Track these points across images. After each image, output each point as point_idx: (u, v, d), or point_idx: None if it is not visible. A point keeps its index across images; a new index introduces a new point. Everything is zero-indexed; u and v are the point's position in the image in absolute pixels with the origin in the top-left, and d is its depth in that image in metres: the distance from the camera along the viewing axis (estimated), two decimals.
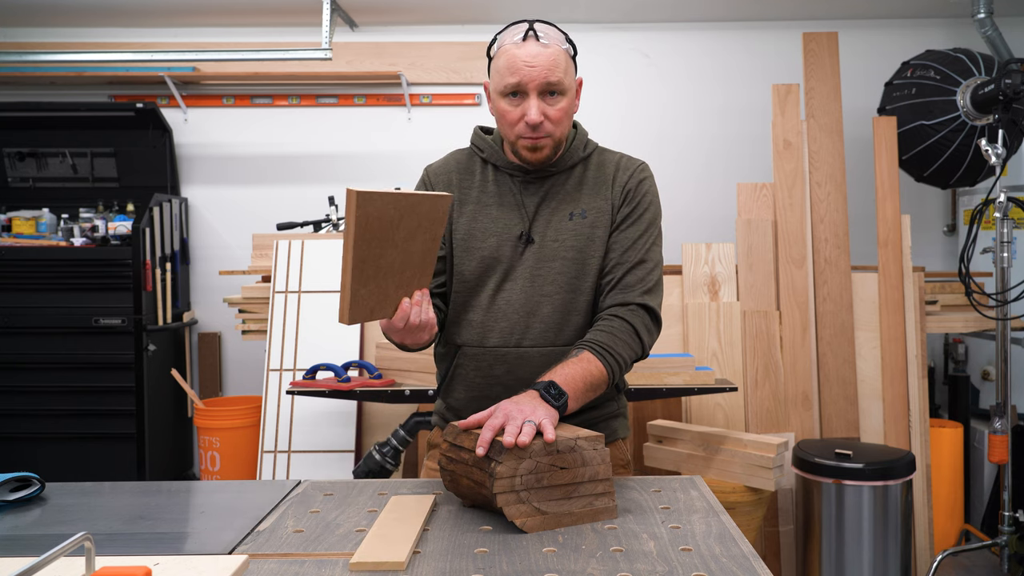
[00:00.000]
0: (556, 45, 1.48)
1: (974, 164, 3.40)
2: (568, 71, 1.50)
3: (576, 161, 1.60)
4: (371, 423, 3.24)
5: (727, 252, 3.26)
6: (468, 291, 1.58)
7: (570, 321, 1.55)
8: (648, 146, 4.16)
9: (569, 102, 1.51)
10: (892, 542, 2.61)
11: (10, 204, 4.11)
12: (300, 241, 3.37)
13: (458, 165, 1.64)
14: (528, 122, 1.47)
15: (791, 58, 3.87)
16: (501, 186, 1.59)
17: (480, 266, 1.56)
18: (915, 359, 3.16)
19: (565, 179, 1.59)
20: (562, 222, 1.55)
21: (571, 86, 1.51)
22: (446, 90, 4.23)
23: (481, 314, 1.57)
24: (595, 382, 1.43)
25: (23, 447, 3.71)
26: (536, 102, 1.47)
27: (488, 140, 1.62)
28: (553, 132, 1.50)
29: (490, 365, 1.56)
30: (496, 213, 1.57)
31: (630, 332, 1.50)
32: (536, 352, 1.54)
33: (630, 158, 1.64)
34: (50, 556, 0.86)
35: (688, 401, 3.15)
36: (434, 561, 1.10)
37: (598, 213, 1.56)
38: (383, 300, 1.31)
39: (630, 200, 1.57)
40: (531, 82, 1.46)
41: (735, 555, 1.11)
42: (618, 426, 1.66)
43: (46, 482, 1.45)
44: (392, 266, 1.29)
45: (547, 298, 1.54)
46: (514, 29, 1.50)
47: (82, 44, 4.21)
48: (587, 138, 1.64)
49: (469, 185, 1.61)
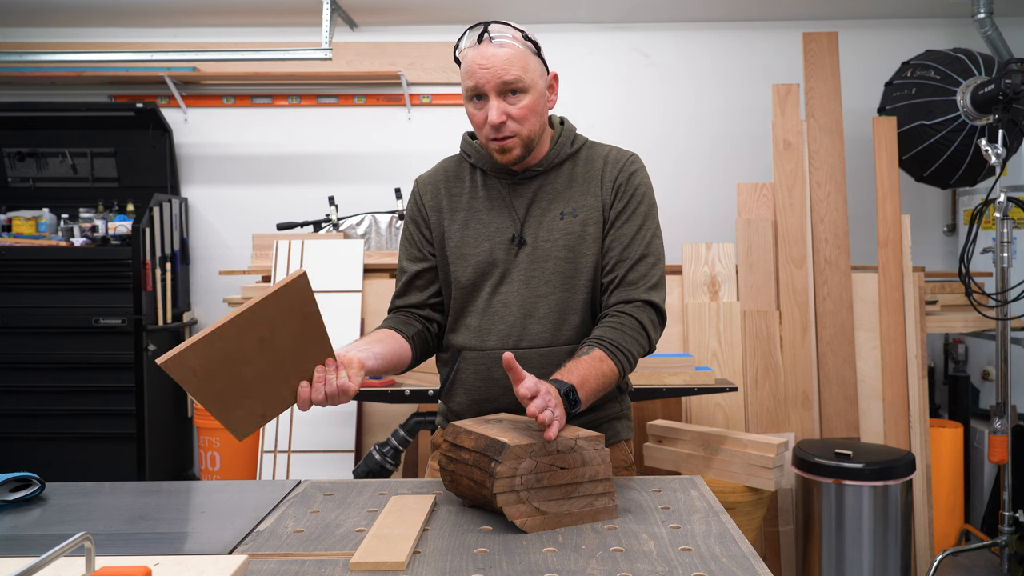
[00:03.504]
0: (512, 44, 1.46)
1: (974, 164, 3.40)
2: (528, 68, 1.47)
3: (563, 158, 1.59)
4: (371, 423, 3.24)
5: (727, 252, 3.26)
6: (465, 296, 1.58)
7: (567, 320, 1.55)
8: (648, 146, 4.16)
9: (534, 99, 1.48)
10: (892, 542, 2.61)
11: (10, 204, 4.11)
12: (300, 241, 3.37)
13: (447, 174, 1.64)
14: (489, 123, 1.47)
15: (791, 58, 3.87)
16: (491, 190, 1.59)
17: (475, 271, 1.56)
18: (915, 359, 3.16)
19: (554, 178, 1.58)
20: (553, 222, 1.55)
21: (534, 83, 1.48)
22: (446, 90, 4.23)
23: (478, 318, 1.56)
24: (607, 382, 1.43)
25: (23, 447, 3.71)
26: (496, 103, 1.46)
27: (476, 145, 1.62)
28: (519, 131, 1.48)
29: (489, 368, 1.56)
30: (487, 218, 1.57)
31: (638, 328, 1.49)
32: (534, 353, 1.53)
33: (619, 150, 1.62)
34: (50, 556, 0.86)
35: (688, 401, 3.14)
36: (434, 561, 1.10)
37: (589, 211, 1.55)
38: (273, 399, 1.29)
39: (622, 195, 1.56)
40: (487, 83, 1.45)
41: (735, 555, 1.11)
42: (621, 427, 1.65)
43: (46, 482, 1.45)
44: (266, 371, 1.25)
45: (543, 298, 1.54)
46: (470, 33, 1.49)
47: (82, 44, 4.21)
48: (575, 133, 1.62)
49: (459, 192, 1.61)
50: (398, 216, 3.69)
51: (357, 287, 3.28)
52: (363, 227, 3.71)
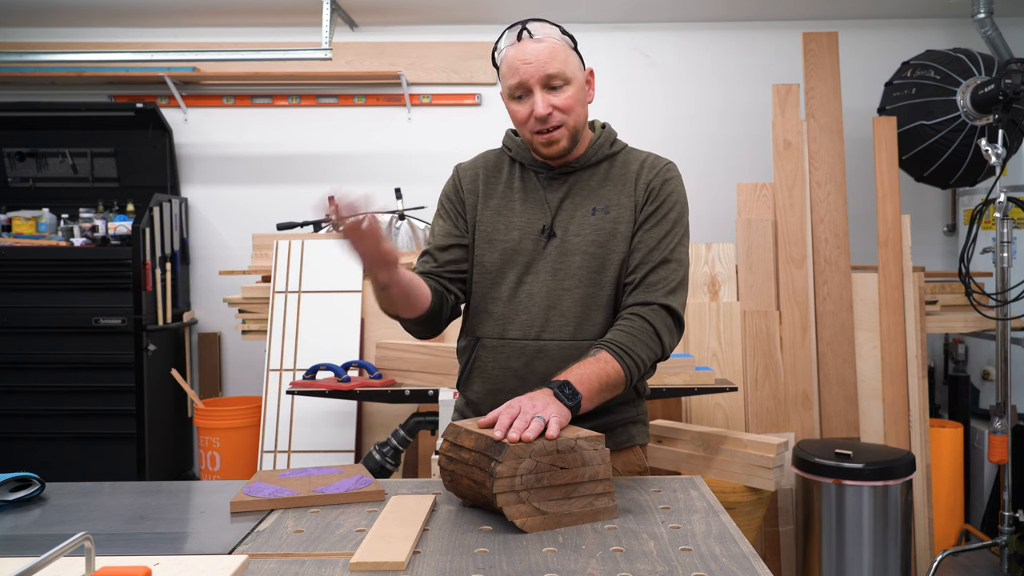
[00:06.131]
0: (551, 39, 1.49)
1: (974, 164, 3.40)
2: (568, 61, 1.50)
3: (601, 158, 1.60)
4: (371, 423, 3.24)
5: (727, 252, 3.26)
6: (489, 283, 1.59)
7: (590, 316, 1.54)
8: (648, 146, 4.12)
9: (576, 90, 1.51)
10: (892, 542, 2.61)
11: (10, 204, 4.11)
12: (300, 241, 3.37)
13: (487, 163, 1.67)
14: (536, 115, 1.48)
15: (791, 58, 3.87)
16: (527, 182, 1.61)
17: (501, 258, 1.57)
18: (915, 359, 3.16)
19: (590, 175, 1.59)
20: (585, 217, 1.56)
21: (575, 75, 1.51)
22: (446, 90, 4.23)
23: (502, 306, 1.57)
24: (611, 383, 1.43)
25: (23, 447, 3.70)
26: (541, 95, 1.48)
27: (518, 140, 1.64)
28: (566, 121, 1.50)
29: (508, 357, 1.56)
30: (520, 207, 1.59)
31: (650, 333, 1.48)
32: (555, 345, 1.54)
33: (657, 157, 1.64)
34: (50, 556, 0.86)
35: (688, 401, 3.15)
36: (434, 561, 1.10)
37: (621, 209, 1.56)
38: None
39: (654, 199, 1.56)
40: (531, 78, 1.47)
41: (735, 555, 1.11)
42: (636, 432, 1.64)
43: (46, 482, 1.45)
44: None
45: (568, 292, 1.54)
46: (509, 33, 1.52)
47: (82, 44, 4.21)
48: (614, 137, 1.65)
49: (496, 181, 1.63)
50: (398, 216, 3.69)
51: (357, 287, 3.28)
52: None
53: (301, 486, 1.40)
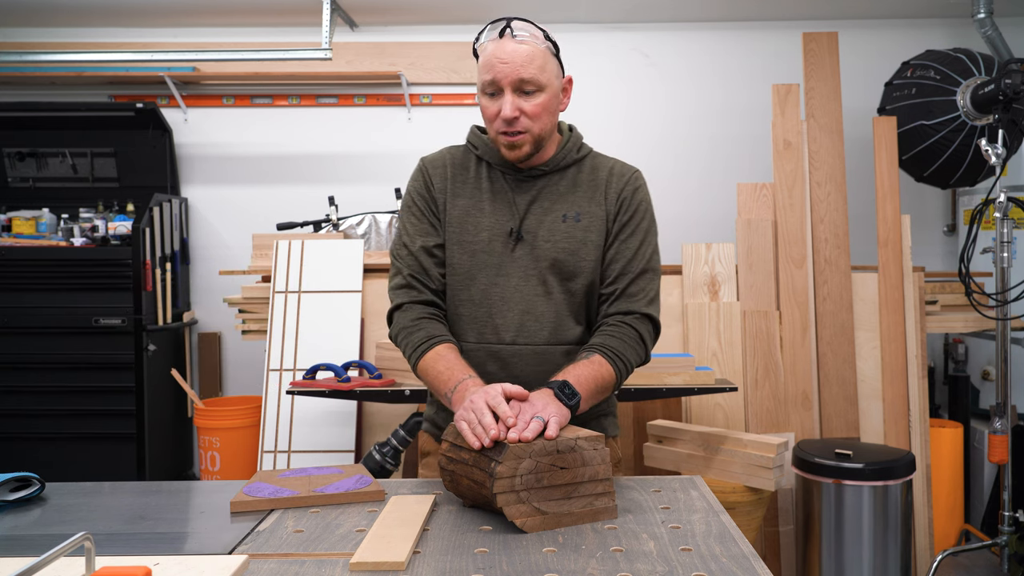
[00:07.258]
0: (532, 42, 1.48)
1: (974, 164, 3.40)
2: (546, 68, 1.49)
3: (569, 163, 1.60)
4: (371, 423, 3.24)
5: (727, 252, 3.26)
6: (459, 285, 1.59)
7: (564, 322, 1.56)
8: (648, 146, 4.17)
9: (548, 99, 1.50)
10: (892, 542, 2.61)
11: (10, 204, 4.11)
12: (300, 241, 3.36)
13: (453, 159, 1.65)
14: (502, 117, 1.48)
15: (791, 58, 3.87)
16: (494, 183, 1.60)
17: (471, 260, 1.57)
18: (915, 359, 3.16)
19: (558, 180, 1.59)
20: (556, 223, 1.56)
21: (550, 83, 1.50)
22: (446, 90, 4.23)
23: (474, 309, 1.58)
24: (605, 385, 1.46)
25: (23, 447, 3.71)
26: (510, 98, 1.47)
27: (484, 138, 1.63)
28: (531, 128, 1.50)
29: (483, 362, 1.56)
30: (488, 208, 1.58)
31: (636, 339, 1.53)
32: (529, 350, 1.55)
33: (624, 164, 1.64)
34: (50, 556, 0.86)
35: (688, 401, 3.14)
36: (434, 561, 1.10)
37: (592, 218, 1.57)
38: None
39: (626, 209, 1.58)
40: (504, 78, 1.47)
41: (735, 555, 1.11)
42: (608, 424, 1.67)
43: (46, 482, 1.45)
44: None
45: (540, 298, 1.55)
46: (492, 28, 1.51)
47: (82, 44, 4.21)
48: (581, 142, 1.64)
49: (463, 179, 1.62)
50: (398, 216, 3.69)
51: (357, 287, 3.28)
52: (363, 227, 3.71)
53: (301, 486, 1.40)
